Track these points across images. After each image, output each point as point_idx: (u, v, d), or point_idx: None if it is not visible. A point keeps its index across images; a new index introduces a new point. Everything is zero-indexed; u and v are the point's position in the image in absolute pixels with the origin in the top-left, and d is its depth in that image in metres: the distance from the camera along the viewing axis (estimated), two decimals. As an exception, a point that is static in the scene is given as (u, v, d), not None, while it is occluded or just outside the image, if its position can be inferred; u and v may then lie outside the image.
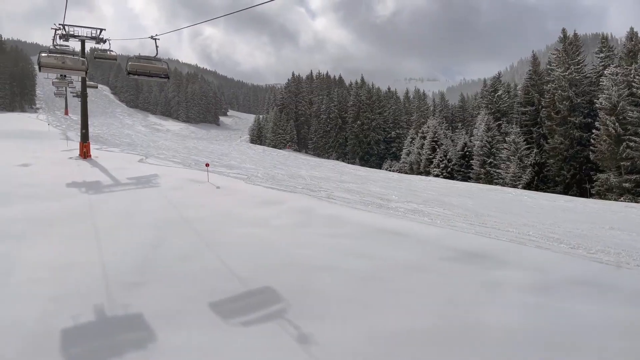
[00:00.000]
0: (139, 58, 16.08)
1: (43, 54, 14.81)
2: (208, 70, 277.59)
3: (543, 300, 6.64)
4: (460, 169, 49.49)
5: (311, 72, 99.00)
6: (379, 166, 71.03)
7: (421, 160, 52.62)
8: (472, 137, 53.27)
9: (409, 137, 62.99)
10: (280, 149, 77.74)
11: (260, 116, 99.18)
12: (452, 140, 55.04)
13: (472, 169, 48.83)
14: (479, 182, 45.74)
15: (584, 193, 39.59)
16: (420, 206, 15.06)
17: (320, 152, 78.52)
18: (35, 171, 16.91)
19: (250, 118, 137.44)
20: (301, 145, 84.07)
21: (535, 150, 44.12)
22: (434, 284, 7.37)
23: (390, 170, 62.31)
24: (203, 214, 11.58)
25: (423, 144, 53.00)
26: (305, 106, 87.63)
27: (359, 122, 75.31)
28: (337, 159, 74.10)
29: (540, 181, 40.95)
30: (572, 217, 17.60)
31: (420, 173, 51.21)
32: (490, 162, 46.97)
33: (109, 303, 6.35)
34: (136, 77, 16.04)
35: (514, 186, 41.26)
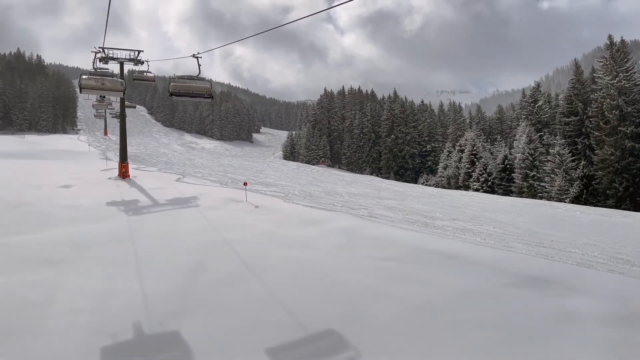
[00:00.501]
0: (181, 78, 15.25)
1: (84, 77, 15.45)
2: (240, 89, 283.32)
3: (630, 335, 5.88)
4: (501, 183, 47.81)
5: (343, 87, 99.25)
6: (414, 180, 69.75)
7: (459, 174, 51.20)
8: (512, 150, 51.51)
9: (445, 150, 61.62)
10: (313, 164, 77.74)
11: (293, 132, 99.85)
12: (492, 153, 53.38)
13: (514, 182, 47.08)
14: (522, 196, 43.97)
15: (638, 207, 37.31)
16: (467, 224, 14.29)
17: (354, 167, 77.97)
18: (77, 192, 17.17)
19: (283, 134, 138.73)
20: (334, 160, 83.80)
21: (582, 162, 42.10)
22: (499, 314, 6.71)
23: (426, 185, 61.02)
24: (243, 235, 11.28)
25: (461, 158, 51.64)
26: (337, 121, 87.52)
27: (393, 136, 74.39)
28: (371, 174, 73.30)
29: (589, 195, 38.91)
30: (635, 235, 16.36)
31: (459, 187, 49.80)
32: (534, 175, 45.14)
33: (150, 336, 6.04)
34: (179, 98, 15.45)
35: (561, 200, 39.38)
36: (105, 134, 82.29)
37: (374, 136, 78.01)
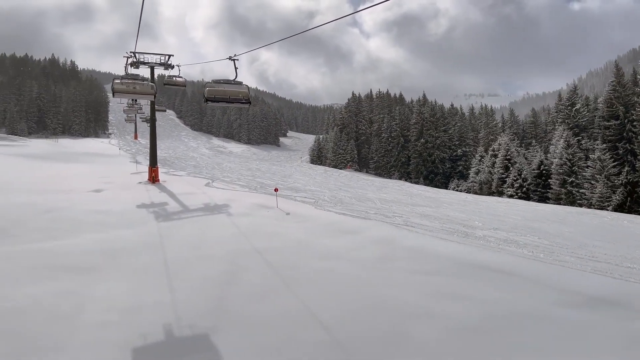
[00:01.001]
0: (217, 82, 14.10)
1: (116, 81, 15.89)
2: (267, 93, 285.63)
3: None
4: (536, 189, 46.14)
5: (370, 90, 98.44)
6: (444, 186, 68.33)
7: (493, 179, 49.72)
8: (548, 155, 49.75)
9: (477, 155, 60.08)
10: (340, 169, 77.23)
11: (320, 136, 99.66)
12: (526, 158, 51.69)
13: (551, 188, 45.37)
14: (559, 203, 42.32)
15: (687, 215, 35.25)
16: (510, 234, 13.54)
17: (382, 171, 77.04)
18: (107, 197, 17.22)
19: (309, 138, 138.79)
20: (362, 164, 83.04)
21: (626, 168, 40.19)
22: (559, 339, 6.09)
23: (457, 190, 59.61)
24: (276, 244, 10.91)
25: (494, 163, 50.15)
26: (365, 125, 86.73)
27: (422, 140, 73.16)
28: (400, 179, 72.23)
29: (633, 202, 37.04)
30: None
31: (492, 193, 48.37)
32: (572, 182, 43.37)
33: (181, 355, 5.70)
34: (215, 104, 14.44)
35: (602, 208, 37.65)
36: (136, 137, 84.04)
37: (402, 140, 76.92)
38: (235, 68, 14.18)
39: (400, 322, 6.69)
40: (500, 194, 47.38)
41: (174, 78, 24.73)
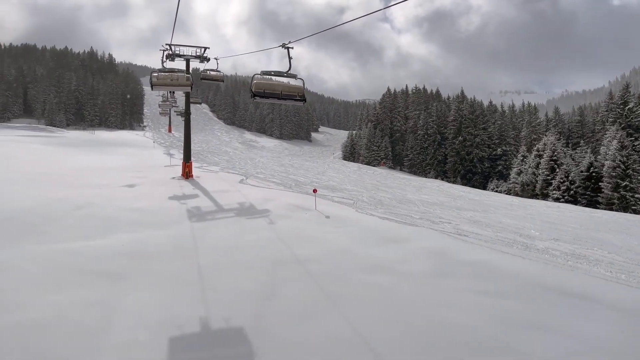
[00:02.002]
0: (267, 74, 11.81)
1: (154, 74, 16.17)
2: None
3: None
4: (585, 193, 43.64)
5: (406, 86, 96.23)
6: (483, 186, 65.99)
7: (537, 181, 47.38)
8: (598, 156, 47.00)
9: (519, 154, 57.55)
10: (374, 166, 75.87)
11: (353, 132, 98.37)
12: (573, 159, 49.03)
13: (601, 192, 42.82)
14: (611, 209, 39.86)
15: None
16: (575, 247, 12.25)
17: (417, 169, 75.19)
18: (140, 193, 16.81)
19: (341, 134, 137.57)
20: (396, 162, 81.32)
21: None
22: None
23: (497, 191, 57.38)
24: (316, 251, 10.07)
25: (539, 163, 47.75)
26: (400, 122, 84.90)
27: (460, 138, 70.87)
28: (436, 178, 70.26)
29: (696, 209, 34.38)
30: None
31: (535, 195, 46.12)
32: (626, 186, 40.75)
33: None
34: (264, 100, 11.99)
35: (660, 215, 35.08)
36: (170, 130, 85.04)
37: (439, 138, 74.83)
38: (290, 58, 11.92)
39: (467, 357, 5.73)
40: (544, 196, 45.08)
41: (210, 72, 24.30)
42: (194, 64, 24.65)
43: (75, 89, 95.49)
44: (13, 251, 9.55)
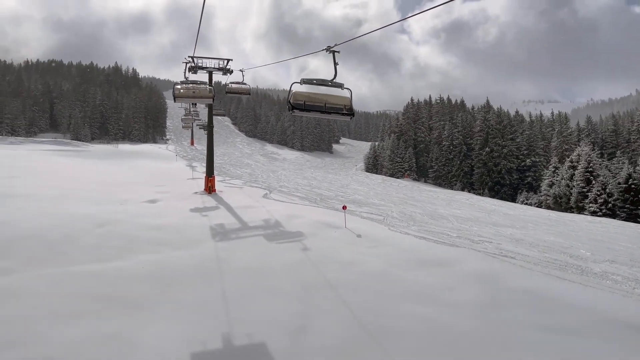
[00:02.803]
0: (308, 82, 9.82)
1: (177, 86, 16.33)
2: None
3: None
4: (624, 206, 41.67)
5: (430, 96, 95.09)
6: (512, 198, 64.10)
7: (571, 193, 45.55)
8: (637, 167, 44.98)
9: (550, 166, 55.70)
10: (398, 178, 74.73)
11: (376, 143, 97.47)
12: (610, 171, 47.09)
13: (641, 205, 40.85)
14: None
15: None
16: (634, 270, 11.16)
17: (442, 181, 73.67)
18: (162, 209, 16.36)
19: (362, 145, 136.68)
20: (420, 174, 79.95)
21: None
22: None
23: (527, 204, 55.58)
24: (350, 275, 9.31)
25: (573, 175, 45.96)
26: (424, 132, 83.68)
27: (487, 149, 69.20)
28: (462, 189, 68.63)
29: None
30: None
31: (570, 209, 44.30)
32: (668, 198, 38.77)
33: None
34: (305, 114, 10.00)
35: None
36: (192, 143, 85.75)
37: (465, 149, 73.29)
38: (335, 64, 9.85)
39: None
40: (580, 209, 43.24)
41: (235, 85, 23.61)
42: (218, 77, 24.39)
43: (100, 104, 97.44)
44: (29, 275, 9.09)
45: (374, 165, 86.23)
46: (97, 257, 10.42)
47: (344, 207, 14.19)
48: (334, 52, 9.84)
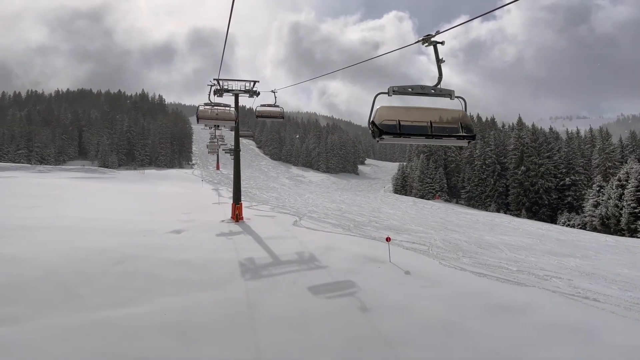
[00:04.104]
0: (401, 91, 6.92)
1: (200, 107, 16.40)
2: (342, 121, 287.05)
3: None
4: (680, 226, 38.80)
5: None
6: (551, 219, 61.14)
7: (621, 214, 42.78)
8: (691, 184, 41.98)
9: (594, 184, 52.88)
10: (429, 199, 72.60)
11: (403, 164, 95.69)
12: (661, 189, 44.11)
13: (699, 226, 37.87)
14: None
15: None
16: None
17: (476, 202, 71.10)
18: (187, 241, 15.28)
19: (388, 166, 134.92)
20: (452, 194, 77.60)
21: None
22: None
23: (569, 225, 52.76)
24: (406, 326, 7.87)
25: (622, 194, 43.26)
26: (455, 152, 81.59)
27: (523, 167, 66.59)
28: (498, 210, 65.96)
29: None
30: None
31: (619, 230, 41.50)
32: None
33: None
34: (398, 141, 6.89)
35: None
36: (218, 168, 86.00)
37: (499, 168, 70.82)
38: (440, 61, 6.94)
39: None
40: (632, 231, 40.41)
41: (262, 108, 22.31)
42: (245, 101, 23.65)
43: (127, 130, 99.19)
44: (34, 326, 8.00)
45: (402, 187, 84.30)
46: (114, 301, 9.32)
47: (388, 239, 12.77)
48: (435, 44, 6.69)
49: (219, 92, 22.27)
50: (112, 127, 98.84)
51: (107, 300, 9.39)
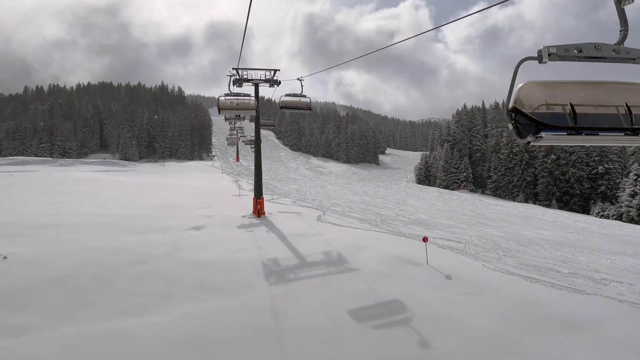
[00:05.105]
0: (564, 55, 3.81)
1: (221, 98, 16.19)
2: (361, 110, 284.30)
3: None
4: None
5: (483, 102, 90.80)
6: (583, 209, 58.96)
7: (661, 204, 40.74)
8: None
9: (631, 173, 50.58)
10: (453, 189, 70.93)
11: (426, 153, 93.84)
12: None
13: None
14: None
15: None
16: None
17: (503, 192, 69.07)
18: (207, 239, 14.57)
19: (409, 155, 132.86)
20: (477, 184, 75.67)
21: None
22: None
23: (603, 216, 50.76)
24: (453, 342, 6.93)
25: (661, 183, 41.16)
26: (480, 140, 79.41)
27: (552, 156, 64.28)
28: (526, 201, 63.98)
29: None
30: None
31: (659, 222, 39.55)
32: None
33: None
34: (570, 141, 3.85)
35: None
36: (237, 159, 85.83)
37: (527, 156, 68.58)
38: (623, 2, 3.98)
39: None
40: (673, 223, 38.44)
41: (287, 98, 20.01)
42: (264, 92, 22.77)
43: (147, 123, 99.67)
44: (42, 337, 7.38)
45: (425, 177, 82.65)
46: (128, 308, 8.64)
47: (425, 239, 11.77)
48: None
49: (239, 81, 21.49)
50: (133, 119, 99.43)
51: (121, 307, 8.72)
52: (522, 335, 7.09)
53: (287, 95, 19.78)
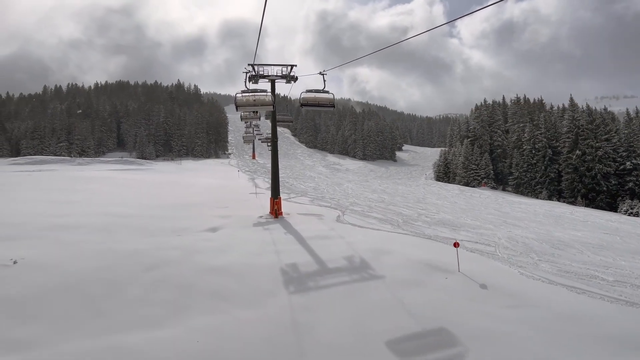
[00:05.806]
0: None
1: (238, 95, 16.30)
2: (377, 106, 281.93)
3: None
4: None
5: (503, 97, 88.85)
6: (610, 206, 57.15)
7: (696, 202, 39.01)
8: None
9: (661, 169, 48.72)
10: (474, 186, 69.55)
11: (445, 149, 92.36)
12: None
13: None
14: None
15: None
16: None
17: (525, 189, 67.39)
18: (224, 242, 14.02)
19: (427, 151, 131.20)
20: (498, 181, 74.06)
21: None
22: None
23: (632, 213, 49.10)
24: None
25: (696, 180, 39.38)
26: (501, 136, 77.68)
27: (578, 151, 62.36)
28: (550, 198, 62.31)
29: None
30: None
31: (693, 220, 37.88)
32: None
33: None
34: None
35: None
36: (254, 157, 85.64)
37: (550, 152, 66.76)
38: None
39: None
40: None
41: (307, 94, 18.24)
42: (280, 89, 22.21)
43: (163, 121, 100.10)
44: (50, 353, 6.89)
45: (445, 174, 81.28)
46: (140, 320, 8.10)
47: (456, 244, 10.98)
48: None
49: (254, 78, 20.94)
50: (149, 118, 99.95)
51: (131, 318, 8.19)
52: (574, 357, 6.32)
53: (307, 91, 18.13)
